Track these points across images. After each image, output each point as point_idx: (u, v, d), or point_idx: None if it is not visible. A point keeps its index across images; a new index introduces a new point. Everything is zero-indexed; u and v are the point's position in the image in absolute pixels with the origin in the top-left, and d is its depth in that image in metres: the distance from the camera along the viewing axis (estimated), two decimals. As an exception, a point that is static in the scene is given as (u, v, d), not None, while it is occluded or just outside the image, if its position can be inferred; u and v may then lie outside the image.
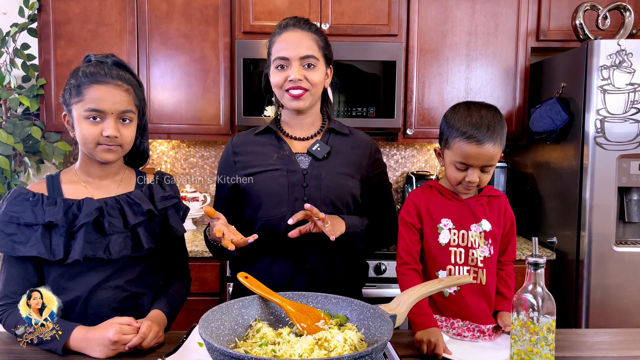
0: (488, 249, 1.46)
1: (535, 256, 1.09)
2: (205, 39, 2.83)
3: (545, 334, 1.07)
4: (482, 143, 1.37)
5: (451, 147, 1.42)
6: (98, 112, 1.34)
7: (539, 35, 2.84)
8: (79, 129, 1.36)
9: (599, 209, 2.40)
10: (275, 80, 1.52)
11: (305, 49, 1.50)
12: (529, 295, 1.09)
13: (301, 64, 1.50)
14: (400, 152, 3.27)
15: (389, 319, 1.11)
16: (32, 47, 2.96)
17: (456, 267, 1.45)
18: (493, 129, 1.38)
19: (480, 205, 1.49)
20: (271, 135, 1.61)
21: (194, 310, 2.53)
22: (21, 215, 1.33)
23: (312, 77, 1.51)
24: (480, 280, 1.45)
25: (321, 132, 1.62)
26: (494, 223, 1.48)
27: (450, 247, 1.46)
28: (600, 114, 2.36)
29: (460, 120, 1.41)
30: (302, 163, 1.56)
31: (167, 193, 1.50)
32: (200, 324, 1.08)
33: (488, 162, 1.40)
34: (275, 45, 1.54)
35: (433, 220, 1.48)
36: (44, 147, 2.83)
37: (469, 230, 1.46)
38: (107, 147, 1.36)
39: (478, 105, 1.44)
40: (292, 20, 1.56)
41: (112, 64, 1.41)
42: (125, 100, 1.37)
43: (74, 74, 1.38)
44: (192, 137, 2.92)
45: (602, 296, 2.41)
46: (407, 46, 2.84)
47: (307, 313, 1.21)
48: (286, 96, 1.52)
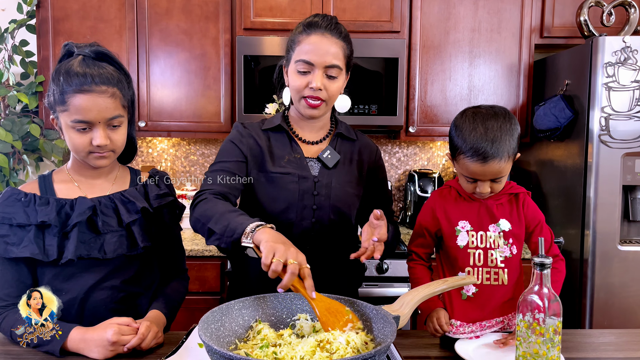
0: (509, 249, 1.43)
1: (542, 257, 1.07)
2: (205, 35, 2.80)
3: (551, 336, 1.05)
4: (486, 161, 1.33)
5: (458, 161, 1.40)
6: (85, 122, 1.29)
7: (543, 31, 2.81)
8: (68, 137, 1.32)
9: (603, 207, 2.37)
10: (296, 84, 1.46)
11: (331, 57, 1.44)
12: (534, 296, 1.07)
13: (324, 72, 1.44)
14: (403, 150, 3.25)
15: (392, 321, 1.09)
16: (30, 43, 2.94)
17: (475, 268, 1.43)
18: (499, 142, 1.32)
19: (499, 204, 1.46)
20: (282, 135, 1.56)
21: (194, 310, 2.51)
22: (13, 216, 1.31)
23: (332, 88, 1.46)
24: (502, 281, 1.43)
25: (329, 137, 1.59)
26: (514, 222, 1.45)
27: (469, 249, 1.43)
28: (605, 112, 2.33)
29: (465, 133, 1.36)
30: (312, 169, 1.53)
31: (163, 191, 1.47)
32: (200, 326, 1.06)
33: (496, 176, 1.37)
34: (300, 46, 1.47)
35: (451, 223, 1.46)
36: (43, 144, 2.81)
37: (487, 231, 1.44)
38: (99, 154, 1.33)
39: (485, 114, 1.37)
40: (323, 21, 1.47)
41: (96, 57, 1.34)
42: (111, 106, 1.31)
43: (55, 78, 1.30)
44: (192, 134, 2.90)
45: (606, 295, 2.39)
46: (410, 43, 2.81)
47: (335, 315, 1.15)
48: (302, 103, 1.47)
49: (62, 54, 1.36)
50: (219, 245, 1.30)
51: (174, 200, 1.50)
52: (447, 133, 2.79)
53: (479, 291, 1.42)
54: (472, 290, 1.42)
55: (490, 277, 1.42)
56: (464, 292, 1.44)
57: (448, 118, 2.85)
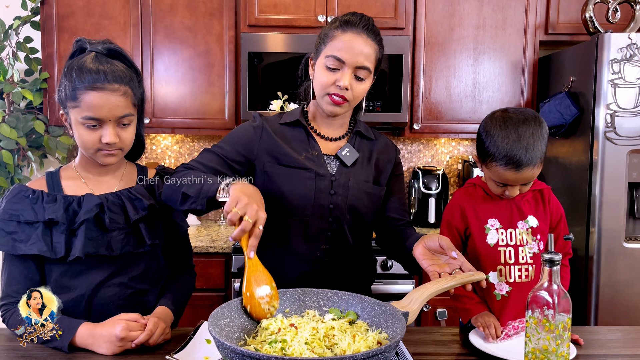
0: (537, 244, 1.44)
1: (551, 253, 1.06)
2: (209, 32, 2.80)
3: (561, 332, 1.05)
4: (520, 169, 1.32)
5: (489, 167, 1.39)
6: (95, 120, 1.29)
7: (548, 28, 2.80)
8: (77, 133, 1.32)
9: (608, 204, 2.37)
10: (323, 79, 1.42)
11: (363, 58, 1.40)
12: (544, 292, 1.06)
13: (354, 72, 1.41)
14: (407, 146, 3.24)
15: (401, 317, 1.09)
16: (35, 40, 2.94)
17: (506, 266, 1.43)
18: (532, 149, 1.32)
19: (525, 201, 1.47)
20: (300, 130, 1.52)
21: (198, 306, 2.52)
22: (21, 213, 1.31)
23: (358, 90, 1.43)
24: (531, 277, 1.43)
25: (348, 135, 1.56)
26: (540, 218, 1.46)
27: (499, 247, 1.44)
28: (610, 109, 2.33)
29: (497, 139, 1.34)
30: (330, 167, 1.50)
31: None
32: (209, 321, 1.06)
33: (527, 181, 1.38)
34: (333, 41, 1.41)
35: (480, 222, 1.46)
36: (47, 141, 2.82)
37: (516, 228, 1.44)
38: (107, 152, 1.33)
39: (516, 119, 1.35)
40: (361, 21, 1.43)
41: (108, 54, 1.34)
42: (122, 104, 1.31)
43: (67, 74, 1.30)
44: (196, 131, 2.89)
45: (611, 293, 2.39)
46: (414, 39, 2.81)
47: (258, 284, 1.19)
48: (326, 99, 1.43)
49: (74, 50, 1.35)
50: (194, 209, 1.30)
51: None
52: (452, 130, 2.84)
53: (513, 289, 1.43)
54: (506, 289, 1.43)
55: (521, 274, 1.43)
56: (497, 292, 1.44)
57: (452, 115, 2.85)
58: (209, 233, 2.84)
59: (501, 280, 1.44)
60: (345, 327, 1.14)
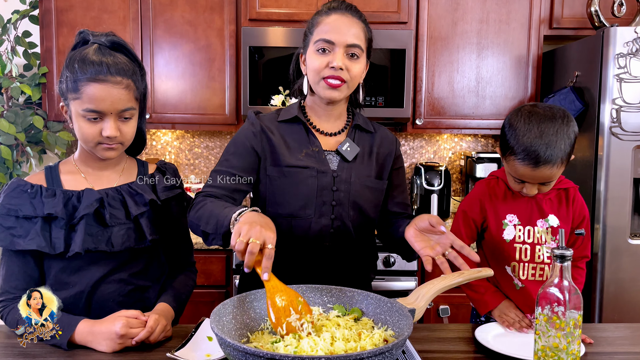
0: (555, 245, 1.41)
1: (562, 248, 1.04)
2: (210, 26, 2.77)
3: (571, 330, 1.02)
4: (537, 166, 1.28)
5: (507, 160, 1.36)
6: (97, 112, 1.26)
7: (552, 22, 2.77)
8: (78, 126, 1.30)
9: (613, 201, 2.34)
10: (315, 64, 1.39)
11: (353, 36, 1.38)
12: (554, 289, 1.04)
13: (346, 52, 1.38)
14: (409, 142, 3.22)
15: (408, 314, 1.06)
16: (33, 34, 2.91)
17: (520, 263, 1.41)
18: (553, 147, 1.26)
19: (548, 199, 1.43)
20: (299, 127, 1.49)
21: (199, 303, 2.50)
22: (19, 207, 1.29)
23: (353, 68, 1.40)
24: (546, 277, 1.41)
25: (347, 129, 1.54)
26: (562, 218, 1.42)
27: (515, 244, 1.41)
28: (616, 104, 2.30)
29: (519, 133, 1.29)
30: (331, 163, 1.47)
31: (170, 183, 1.45)
32: (212, 318, 1.03)
33: (545, 181, 1.33)
34: (319, 27, 1.41)
35: (498, 216, 1.43)
36: (47, 136, 2.79)
37: (535, 226, 1.41)
38: (108, 146, 1.31)
39: (542, 115, 1.30)
40: (342, 5, 1.44)
41: (111, 46, 1.31)
42: (125, 98, 1.28)
43: (69, 65, 1.28)
44: (196, 127, 2.87)
45: (616, 290, 2.36)
46: (417, 34, 2.78)
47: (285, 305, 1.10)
48: (322, 84, 1.40)
49: (77, 42, 1.33)
50: (219, 244, 1.28)
51: (182, 193, 1.48)
52: (455, 126, 2.81)
53: (525, 287, 1.41)
54: (520, 286, 1.41)
55: (535, 272, 1.40)
56: (516, 282, 1.42)
57: (456, 110, 2.82)
58: (209, 229, 2.81)
59: (514, 276, 1.42)
60: (350, 325, 1.12)
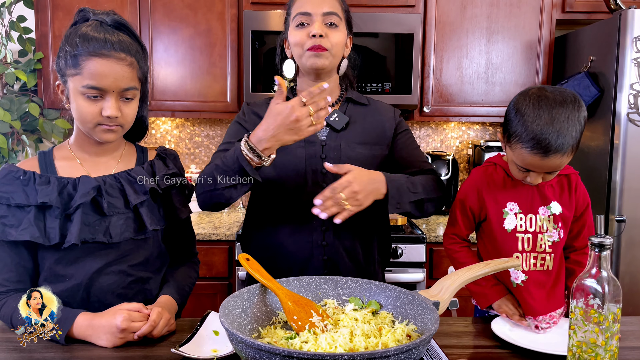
0: (557, 233, 1.34)
1: (600, 236, 0.96)
2: (211, 10, 2.67)
3: (610, 324, 0.95)
4: (547, 155, 1.19)
5: (513, 148, 1.26)
6: (98, 89, 1.18)
7: (565, 6, 2.68)
8: (76, 105, 1.21)
9: (630, 192, 2.26)
10: (296, 38, 1.42)
11: (328, 5, 1.42)
12: (592, 280, 0.96)
13: (323, 20, 1.41)
14: (415, 131, 3.13)
15: (432, 307, 0.99)
16: (28, 19, 2.81)
17: (524, 254, 1.33)
18: (565, 135, 1.17)
19: (550, 186, 1.35)
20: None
21: (201, 295, 2.43)
22: (11, 195, 1.20)
23: (334, 36, 1.41)
24: (548, 267, 1.33)
25: (339, 103, 1.53)
26: (565, 205, 1.35)
27: (517, 234, 1.33)
28: (634, 89, 2.22)
29: (528, 119, 1.20)
30: (320, 134, 1.47)
31: (171, 170, 1.37)
32: (220, 312, 0.95)
33: (553, 170, 1.25)
34: (296, 4, 1.45)
35: (498, 205, 1.35)
36: (43, 124, 2.69)
37: (536, 214, 1.33)
38: (107, 127, 1.22)
39: (552, 100, 1.20)
40: None
41: (113, 24, 1.24)
42: (128, 76, 1.21)
43: (69, 39, 1.20)
44: (197, 114, 2.78)
45: (631, 282, 2.29)
46: (425, 18, 2.68)
47: (303, 306, 1.07)
48: (306, 54, 1.41)
49: (76, 20, 1.26)
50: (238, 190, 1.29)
51: (183, 180, 1.40)
52: (463, 113, 2.72)
53: (529, 279, 1.33)
54: (522, 278, 1.33)
55: (536, 262, 1.33)
56: (513, 280, 1.35)
57: (464, 97, 2.74)
58: (211, 220, 2.73)
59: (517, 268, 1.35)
60: (369, 318, 1.04)
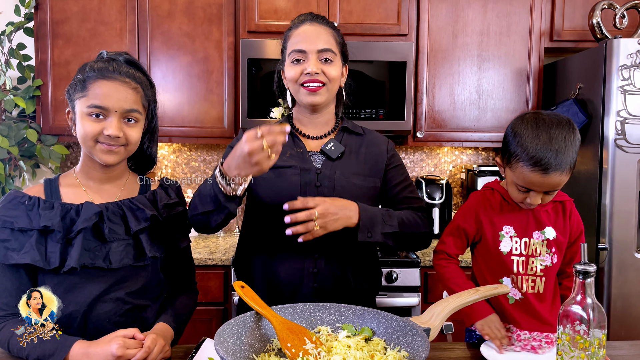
0: (550, 257, 1.38)
1: (584, 264, 0.99)
2: (208, 38, 2.73)
3: (596, 350, 0.97)
4: (547, 172, 1.25)
5: (513, 168, 1.32)
6: (101, 108, 1.24)
7: (553, 35, 2.75)
8: (80, 125, 1.26)
9: (619, 215, 2.30)
10: (291, 74, 1.45)
11: (323, 42, 1.45)
12: (577, 307, 0.99)
13: (318, 57, 1.44)
14: (409, 155, 3.18)
15: (423, 333, 1.01)
16: (28, 47, 2.86)
17: (518, 276, 1.37)
18: (563, 153, 1.25)
19: (545, 211, 1.40)
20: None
21: (196, 321, 2.43)
22: (15, 219, 1.23)
23: (329, 71, 1.44)
24: (538, 290, 1.37)
25: (335, 131, 1.56)
26: (559, 230, 1.39)
27: (512, 256, 1.37)
28: (620, 116, 2.27)
29: (527, 140, 1.27)
30: (315, 162, 1.50)
31: (172, 200, 1.40)
32: (215, 339, 0.97)
33: (552, 189, 1.31)
34: (291, 39, 1.48)
35: (494, 227, 1.40)
36: (40, 150, 2.73)
37: (530, 238, 1.38)
38: (108, 147, 1.26)
39: (549, 122, 1.28)
40: (310, 16, 1.52)
41: (124, 61, 1.33)
42: (131, 98, 1.27)
43: (81, 69, 1.30)
44: (194, 140, 2.82)
45: (623, 305, 2.31)
46: (417, 46, 2.75)
47: (297, 334, 1.08)
48: (302, 91, 1.45)
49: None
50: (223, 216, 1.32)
51: (184, 211, 1.42)
52: (456, 138, 2.77)
53: (524, 299, 1.37)
54: (519, 296, 1.37)
55: (528, 284, 1.36)
56: (511, 296, 1.38)
57: (457, 123, 2.79)
58: (207, 245, 2.75)
59: (516, 288, 1.39)
60: (362, 345, 1.06)
